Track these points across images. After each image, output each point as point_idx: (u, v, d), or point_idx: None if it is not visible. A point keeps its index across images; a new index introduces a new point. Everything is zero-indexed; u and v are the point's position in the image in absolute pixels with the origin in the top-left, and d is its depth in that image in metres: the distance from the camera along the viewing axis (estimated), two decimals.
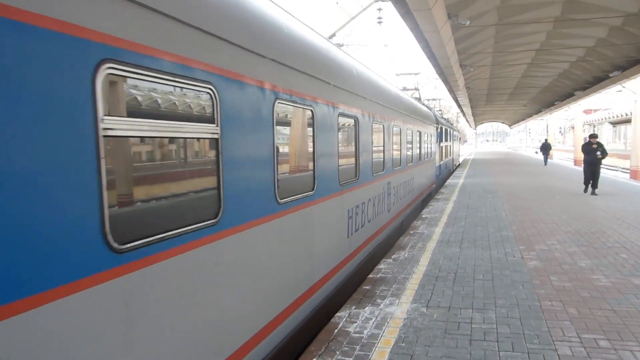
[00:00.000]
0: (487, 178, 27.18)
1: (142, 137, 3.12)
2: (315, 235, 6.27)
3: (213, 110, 3.82)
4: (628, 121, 48.48)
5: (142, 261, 2.99)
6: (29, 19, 2.23)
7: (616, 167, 47.69)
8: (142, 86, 3.09)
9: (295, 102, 5.49)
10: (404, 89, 24.17)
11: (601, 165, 18.45)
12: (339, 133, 7.20)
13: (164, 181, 3.40)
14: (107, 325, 2.73)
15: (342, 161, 7.35)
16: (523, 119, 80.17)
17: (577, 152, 46.62)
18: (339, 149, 7.20)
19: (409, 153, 14.30)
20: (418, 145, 16.26)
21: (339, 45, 13.01)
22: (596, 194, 17.95)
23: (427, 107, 22.94)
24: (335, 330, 5.69)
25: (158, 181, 3.35)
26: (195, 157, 3.78)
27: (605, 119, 69.23)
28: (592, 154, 17.83)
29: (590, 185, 18.30)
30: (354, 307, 6.47)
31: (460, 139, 55.45)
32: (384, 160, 10.52)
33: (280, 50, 5.08)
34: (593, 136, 18.53)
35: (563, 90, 37.61)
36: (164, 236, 3.21)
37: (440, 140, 25.52)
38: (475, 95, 42.35)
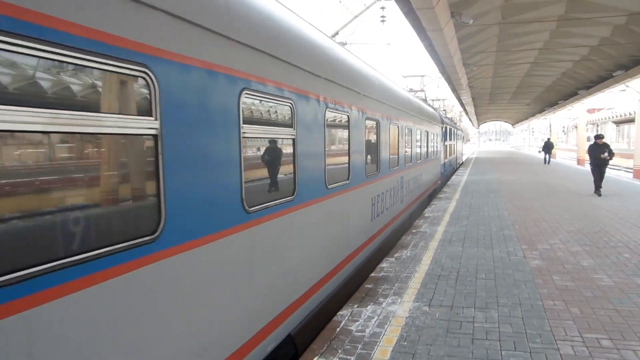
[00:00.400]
0: (489, 175, 27.16)
1: (257, 138, 4.59)
2: (350, 215, 7.64)
3: (292, 120, 5.29)
4: (631, 120, 48.34)
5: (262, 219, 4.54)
6: (216, 68, 3.78)
7: (619, 166, 47.57)
8: (263, 103, 4.70)
9: (337, 110, 6.84)
10: (411, 90, 25.23)
11: (607, 167, 18.05)
12: (366, 133, 8.44)
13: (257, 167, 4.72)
14: (245, 258, 4.26)
15: (367, 157, 8.65)
16: (526, 118, 79.99)
17: (581, 152, 46.56)
18: (365, 146, 8.41)
19: (418, 151, 15.48)
20: (425, 144, 17.53)
21: (343, 44, 13.06)
22: (600, 194, 17.75)
23: (432, 107, 24.16)
24: (338, 329, 5.69)
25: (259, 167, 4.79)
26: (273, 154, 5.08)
27: (609, 118, 69.01)
28: (599, 155, 17.29)
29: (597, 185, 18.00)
30: (356, 306, 6.47)
31: (463, 138, 57.19)
32: (398, 157, 11.74)
33: (330, 71, 6.52)
34: (599, 137, 17.90)
35: (566, 90, 37.50)
36: (270, 204, 4.74)
37: (445, 140, 26.53)
38: (478, 94, 42.25)
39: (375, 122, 9.21)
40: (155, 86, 3.02)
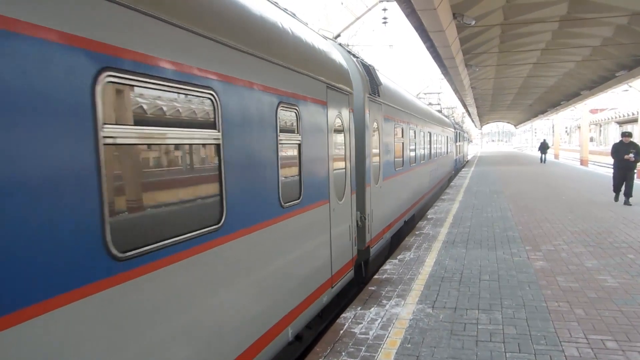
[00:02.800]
0: (491, 168, 27.15)
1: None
2: (419, 181, 15.46)
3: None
4: (634, 120, 48.18)
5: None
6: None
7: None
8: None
9: (397, 124, 11.80)
10: (430, 104, 33.97)
11: (635, 170, 15.55)
12: (412, 139, 14.32)
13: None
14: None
15: (412, 154, 14.28)
16: (529, 119, 79.83)
17: (584, 152, 46.50)
18: (412, 146, 14.19)
19: (439, 150, 22.75)
20: (445, 145, 25.77)
21: (346, 46, 13.51)
22: (630, 204, 14.98)
23: (446, 116, 33.23)
24: (341, 331, 5.68)
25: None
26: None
27: (612, 118, 68.82)
28: (624, 156, 14.94)
29: (622, 193, 15.36)
30: (359, 308, 6.46)
31: (468, 139, 67.53)
32: (430, 153, 18.86)
33: (392, 98, 11.44)
34: (626, 134, 15.48)
35: (569, 90, 37.41)
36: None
37: (456, 141, 35.03)
38: (480, 95, 42.18)
39: (413, 131, 14.64)
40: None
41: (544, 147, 41.64)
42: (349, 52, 9.38)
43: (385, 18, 23.93)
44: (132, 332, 2.85)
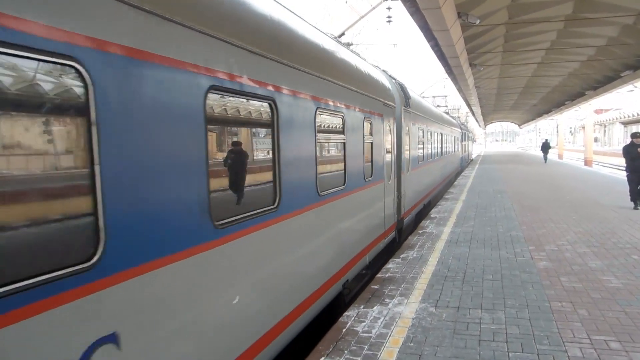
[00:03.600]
0: (495, 167, 27.11)
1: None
2: (434, 173, 18.87)
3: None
4: (639, 121, 47.95)
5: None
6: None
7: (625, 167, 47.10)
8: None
9: (420, 127, 14.64)
10: (438, 106, 36.25)
11: None
12: (429, 139, 17.40)
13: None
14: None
15: (429, 151, 17.32)
16: (533, 119, 79.60)
17: (588, 152, 46.35)
18: (429, 145, 17.09)
19: (449, 149, 26.35)
20: (453, 144, 29.48)
21: (348, 44, 13.88)
22: None
23: (453, 117, 35.54)
24: (344, 330, 5.68)
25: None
26: None
27: (617, 118, 68.54)
28: (637, 159, 14.25)
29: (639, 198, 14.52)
30: (362, 307, 6.46)
31: (472, 139, 70.91)
32: (442, 151, 22.32)
33: (417, 107, 14.44)
34: (637, 135, 14.71)
35: (573, 90, 37.28)
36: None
37: (462, 141, 38.43)
38: (484, 95, 42.09)
39: (430, 133, 17.93)
40: (345, 121, 5.85)
41: (545, 147, 43.52)
42: (390, 76, 12.67)
43: (389, 17, 23.92)
44: (233, 278, 4.08)
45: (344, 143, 7.02)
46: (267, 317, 4.65)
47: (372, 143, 8.64)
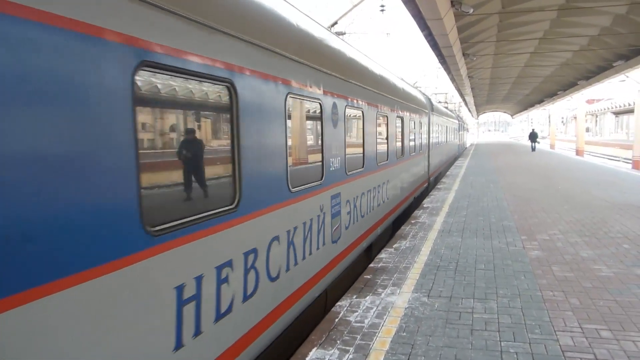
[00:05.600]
0: (487, 157, 27.21)
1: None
2: (442, 154, 26.20)
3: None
4: (631, 111, 48.20)
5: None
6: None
7: (618, 157, 47.54)
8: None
9: (436, 123, 22.07)
10: (439, 102, 42.39)
11: None
12: (441, 130, 24.88)
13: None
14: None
15: (440, 139, 24.81)
16: (525, 109, 79.81)
17: (579, 142, 46.61)
18: (440, 134, 24.69)
19: (450, 137, 32.96)
20: (452, 134, 35.13)
21: (341, 34, 14.15)
22: None
23: (452, 111, 43.64)
24: (336, 320, 5.67)
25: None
26: None
27: (608, 109, 68.84)
28: None
29: None
30: (354, 297, 6.45)
31: (466, 129, 76.26)
32: (447, 139, 29.27)
33: (435, 109, 22.58)
34: None
35: (566, 80, 37.37)
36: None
37: (459, 131, 44.34)
38: (477, 85, 42.11)
39: (444, 126, 26.53)
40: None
41: (533, 137, 46.38)
42: (423, 93, 21.41)
43: (382, 6, 23.78)
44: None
45: (414, 132, 14.88)
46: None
47: (420, 133, 16.38)
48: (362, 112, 8.40)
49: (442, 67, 27.40)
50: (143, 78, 3.04)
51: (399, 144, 12.09)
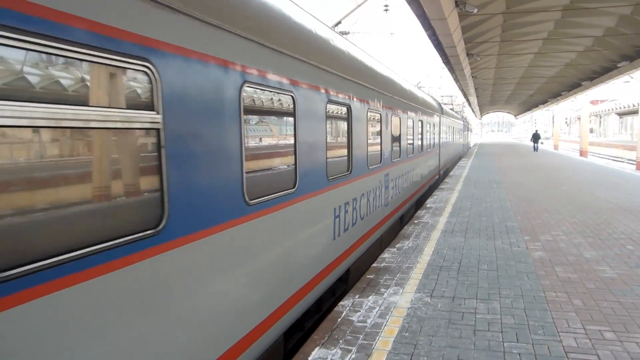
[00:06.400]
0: (490, 157, 27.20)
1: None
2: (449, 151, 29.17)
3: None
4: (635, 112, 48.04)
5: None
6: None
7: (622, 158, 47.40)
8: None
9: (445, 123, 25.27)
10: (445, 103, 45.99)
11: None
12: (449, 130, 28.19)
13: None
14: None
15: (449, 138, 28.48)
16: (529, 109, 79.60)
17: (583, 143, 46.48)
18: (448, 134, 27.84)
19: (457, 136, 35.98)
20: (458, 134, 38.06)
21: (344, 33, 14.17)
22: None
23: (457, 112, 47.02)
24: (339, 319, 5.67)
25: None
26: None
27: (612, 109, 68.58)
28: None
29: None
30: (357, 296, 6.45)
31: (470, 130, 79.11)
32: (454, 138, 32.45)
33: (445, 112, 26.15)
34: None
35: (570, 81, 37.26)
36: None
37: (464, 131, 47.73)
38: (481, 85, 42.03)
39: (451, 127, 29.55)
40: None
41: (536, 137, 48.72)
42: (434, 97, 24.08)
43: (386, 5, 23.74)
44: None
45: (429, 132, 17.58)
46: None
47: (433, 133, 19.25)
48: (400, 118, 11.48)
49: (445, 67, 27.34)
50: (244, 93, 4.12)
51: (419, 142, 15.14)
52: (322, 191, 5.98)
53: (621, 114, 68.90)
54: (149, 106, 3.00)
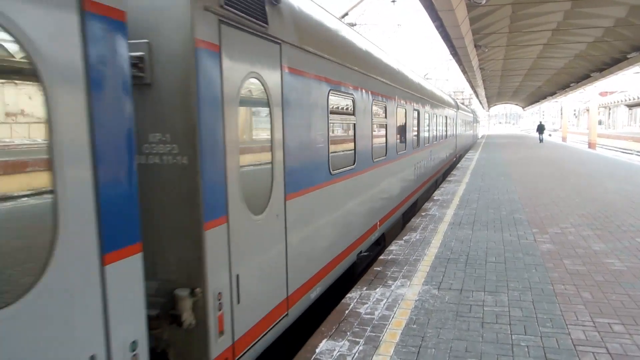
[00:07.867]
0: (498, 149, 27.07)
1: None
2: (462, 141, 34.06)
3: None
4: None
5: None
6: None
7: (631, 150, 47.03)
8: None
9: (460, 117, 30.67)
10: (455, 98, 47.86)
11: None
12: (462, 123, 34.13)
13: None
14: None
15: (463, 129, 35.15)
16: (537, 101, 78.99)
17: (592, 135, 46.12)
18: (461, 125, 33.03)
19: (467, 128, 40.09)
20: (469, 125, 42.14)
21: (352, 25, 14.30)
22: None
23: (467, 106, 50.93)
24: (346, 311, 5.68)
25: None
26: None
27: (621, 101, 67.97)
28: None
29: None
30: (365, 288, 6.46)
31: (478, 122, 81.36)
32: (465, 129, 37.57)
33: (459, 107, 31.40)
34: None
35: (579, 72, 36.88)
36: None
37: (473, 123, 50.91)
38: (489, 77, 41.73)
39: (463, 119, 34.27)
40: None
41: (540, 129, 51.30)
42: (449, 95, 31.13)
43: None
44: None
45: (449, 124, 23.12)
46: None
47: (451, 124, 23.56)
48: (435, 115, 15.94)
49: (453, 58, 27.15)
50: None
51: (444, 132, 20.71)
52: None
53: (631, 106, 68.27)
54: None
